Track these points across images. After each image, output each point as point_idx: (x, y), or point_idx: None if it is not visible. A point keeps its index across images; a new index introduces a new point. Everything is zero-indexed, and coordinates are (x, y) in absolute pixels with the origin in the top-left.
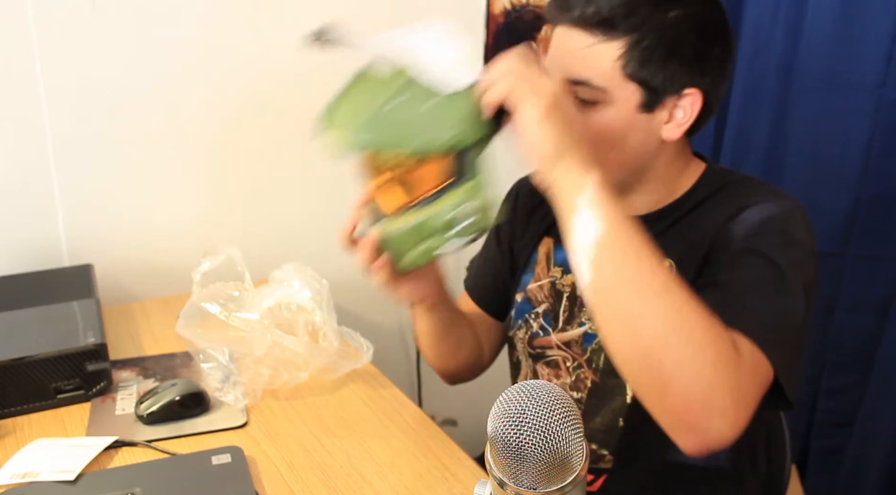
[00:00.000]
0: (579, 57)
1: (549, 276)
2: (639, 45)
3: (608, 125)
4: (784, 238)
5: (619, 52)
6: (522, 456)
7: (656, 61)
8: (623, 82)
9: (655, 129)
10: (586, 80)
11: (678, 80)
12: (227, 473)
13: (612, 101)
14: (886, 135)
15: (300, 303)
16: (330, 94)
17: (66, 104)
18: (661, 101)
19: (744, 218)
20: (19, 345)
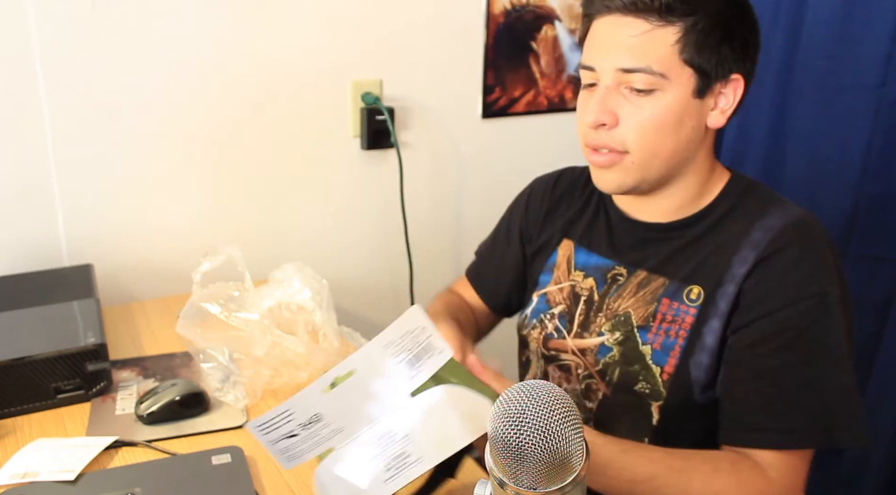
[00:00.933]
0: (635, 44)
1: (570, 280)
2: (695, 29)
3: (666, 111)
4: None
5: (675, 36)
6: (522, 456)
7: (711, 45)
8: (680, 67)
9: (703, 116)
10: (645, 67)
11: (727, 64)
12: (227, 473)
13: (670, 86)
14: (886, 135)
15: (300, 303)
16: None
17: (66, 104)
18: (711, 86)
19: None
20: (19, 345)
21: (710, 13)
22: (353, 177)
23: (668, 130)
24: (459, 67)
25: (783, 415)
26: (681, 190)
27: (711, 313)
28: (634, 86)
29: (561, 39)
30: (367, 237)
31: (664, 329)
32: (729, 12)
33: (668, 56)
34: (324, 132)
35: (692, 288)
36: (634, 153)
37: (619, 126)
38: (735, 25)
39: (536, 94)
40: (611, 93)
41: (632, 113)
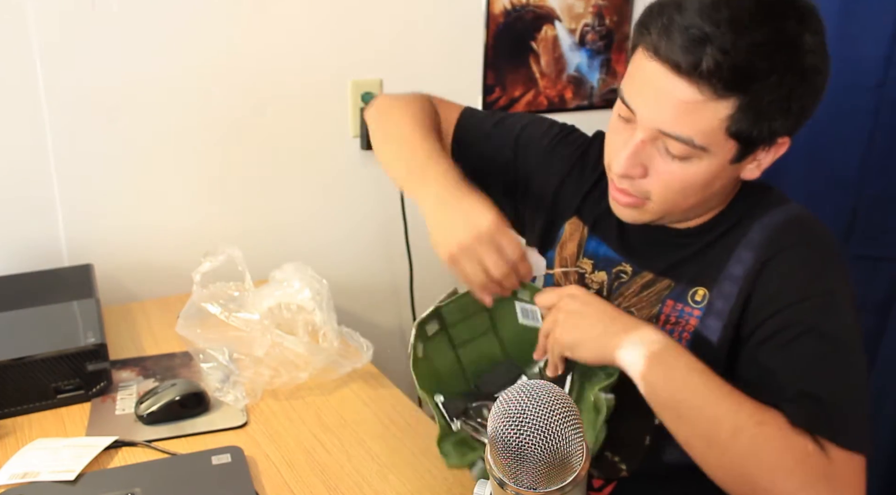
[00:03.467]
0: (682, 111)
1: (578, 266)
2: (751, 106)
3: (697, 177)
4: (832, 299)
5: (727, 111)
6: (522, 456)
7: (764, 120)
8: (724, 140)
9: (738, 172)
10: (686, 138)
11: (777, 133)
12: (227, 473)
13: (707, 156)
14: (886, 135)
15: (300, 303)
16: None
17: (66, 104)
18: (754, 152)
19: (783, 268)
20: (19, 345)
21: (773, 87)
22: (353, 177)
23: (695, 191)
24: (459, 67)
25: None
26: (702, 212)
27: (709, 313)
28: (670, 150)
29: (561, 39)
30: (367, 237)
31: (667, 330)
32: (795, 82)
33: (714, 130)
34: (324, 132)
35: (697, 289)
36: (656, 203)
37: (647, 178)
38: (797, 96)
39: (536, 94)
40: (645, 146)
41: (661, 170)
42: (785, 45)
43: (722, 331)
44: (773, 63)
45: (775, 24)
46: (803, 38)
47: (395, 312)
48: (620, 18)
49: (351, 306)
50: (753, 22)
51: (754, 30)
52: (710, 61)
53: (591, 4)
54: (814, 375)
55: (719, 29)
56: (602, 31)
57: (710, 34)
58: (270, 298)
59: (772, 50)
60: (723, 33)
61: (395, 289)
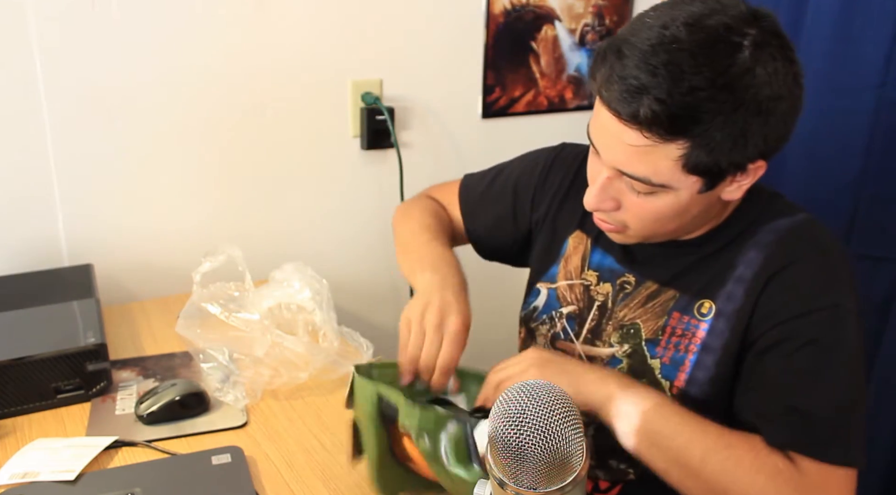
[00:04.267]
0: (633, 154)
1: (583, 279)
2: (702, 145)
3: (667, 209)
4: (835, 313)
5: (679, 152)
6: (522, 456)
7: (721, 154)
8: (683, 176)
9: (716, 195)
10: (643, 178)
11: (744, 161)
12: (227, 473)
13: (672, 191)
14: (886, 135)
15: (300, 303)
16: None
17: (66, 104)
18: (724, 179)
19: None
20: (19, 345)
21: (722, 126)
22: (353, 177)
23: (670, 219)
24: (459, 67)
25: (780, 418)
26: (697, 227)
27: (717, 317)
28: (634, 186)
29: (561, 39)
30: (367, 237)
31: (674, 343)
32: (748, 117)
33: (668, 169)
34: (324, 132)
35: (703, 302)
36: (634, 231)
37: (620, 210)
38: (756, 127)
39: (536, 94)
40: (612, 181)
41: (631, 203)
42: (728, 85)
43: (729, 333)
44: (717, 104)
45: (719, 65)
46: (753, 73)
47: (395, 312)
48: (620, 18)
49: (351, 306)
50: (693, 65)
51: (693, 75)
52: (647, 111)
53: (591, 4)
54: (805, 389)
55: (656, 78)
56: (602, 31)
57: (646, 84)
58: (270, 298)
59: (714, 92)
60: (659, 82)
61: (395, 289)
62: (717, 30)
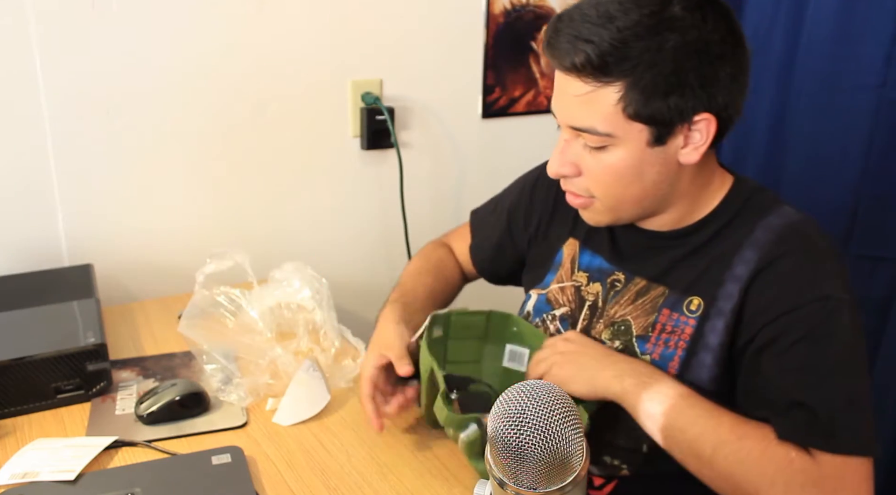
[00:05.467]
0: (578, 104)
1: (573, 281)
2: (637, 86)
3: (622, 164)
4: (826, 305)
5: (617, 95)
6: (522, 456)
7: (658, 98)
8: (627, 123)
9: (672, 157)
10: (589, 127)
11: (686, 110)
12: (227, 473)
13: (620, 142)
14: (886, 135)
15: (300, 302)
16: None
17: (66, 104)
18: (671, 132)
19: (777, 276)
20: (19, 345)
21: (652, 66)
22: (353, 177)
23: (629, 180)
24: (459, 67)
25: (784, 414)
26: (672, 212)
27: (713, 313)
28: (587, 143)
29: None
30: (367, 237)
31: (663, 339)
32: (679, 58)
33: (611, 116)
34: (324, 132)
35: (692, 299)
36: (600, 199)
37: (582, 175)
38: (689, 69)
39: (536, 94)
40: (570, 144)
41: (590, 164)
42: (655, 26)
43: (725, 331)
44: (645, 44)
45: (646, 10)
46: (681, 16)
47: None
48: None
49: (351, 306)
50: (621, 10)
51: (620, 18)
52: (581, 55)
53: None
54: (805, 384)
55: (587, 24)
56: None
57: (580, 32)
58: (270, 298)
59: (641, 32)
60: (591, 28)
61: None
62: None
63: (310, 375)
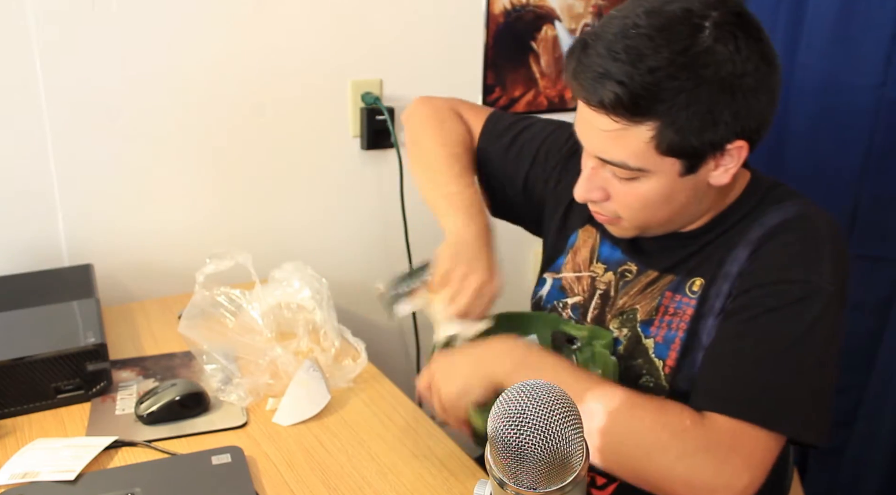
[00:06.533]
0: (607, 139)
1: (591, 271)
2: (671, 126)
3: (652, 194)
4: (804, 288)
5: (649, 134)
6: (522, 456)
7: (692, 135)
8: (659, 158)
9: (702, 181)
10: (620, 162)
11: (718, 142)
12: (227, 473)
13: (652, 175)
14: (886, 135)
15: (300, 302)
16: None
17: (66, 104)
18: (703, 162)
19: (768, 252)
20: (19, 345)
21: (687, 106)
22: (353, 177)
23: (658, 206)
24: (459, 67)
25: (729, 383)
26: (698, 215)
27: (706, 311)
28: (616, 173)
29: (561, 39)
30: (367, 237)
31: (666, 322)
32: (714, 96)
33: (643, 152)
34: (324, 132)
35: (695, 280)
36: (627, 221)
37: (610, 200)
38: (724, 106)
39: (536, 94)
40: (597, 171)
41: (618, 191)
42: (688, 64)
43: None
44: (678, 82)
45: (677, 45)
46: (713, 51)
47: None
48: None
49: (351, 306)
50: (652, 47)
51: (651, 56)
52: (610, 95)
53: (591, 4)
54: (746, 355)
55: (616, 62)
56: None
57: (609, 70)
58: (270, 298)
59: (674, 71)
60: (620, 67)
61: None
62: (676, 13)
63: (310, 375)
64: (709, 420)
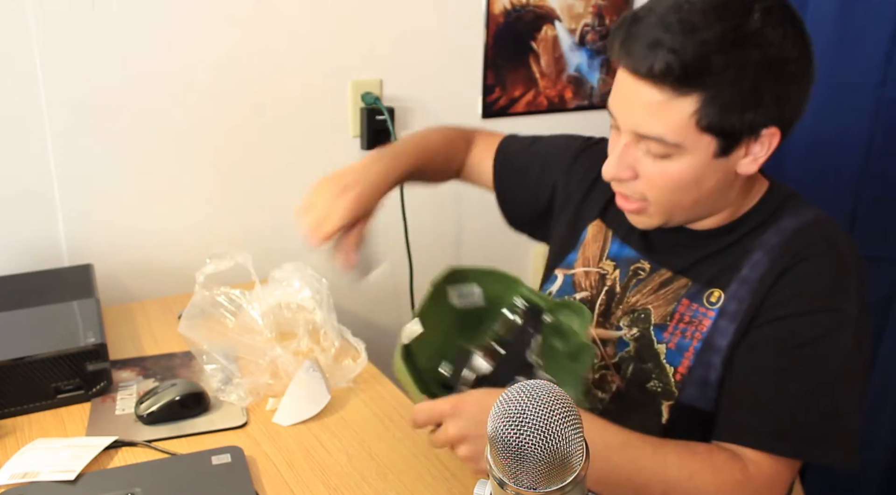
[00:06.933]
0: (648, 112)
1: (600, 268)
2: (715, 100)
3: (683, 174)
4: (836, 317)
5: (693, 107)
6: (522, 456)
7: (734, 112)
8: (698, 135)
9: (731, 167)
10: (657, 136)
11: (756, 124)
12: (227, 473)
13: (686, 153)
14: (886, 135)
15: (300, 302)
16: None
17: (66, 104)
18: (738, 144)
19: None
20: (19, 345)
21: (734, 82)
22: None
23: (687, 189)
24: (459, 67)
25: (769, 418)
26: (715, 217)
27: (722, 313)
28: (650, 150)
29: (561, 39)
30: None
31: (681, 329)
32: (759, 75)
33: (684, 127)
34: (324, 132)
35: (713, 291)
36: (655, 205)
37: (639, 179)
38: (767, 86)
39: (536, 94)
40: (629, 148)
41: (649, 170)
42: (739, 41)
43: (734, 334)
44: (728, 58)
45: (730, 23)
46: (763, 32)
47: (396, 312)
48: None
49: (351, 306)
50: (705, 22)
51: (704, 29)
52: (661, 63)
53: (591, 4)
54: (785, 391)
55: (669, 33)
56: (602, 31)
57: (661, 39)
58: (271, 298)
59: (725, 46)
60: (673, 36)
61: (395, 289)
62: None
63: (310, 375)
64: (752, 464)
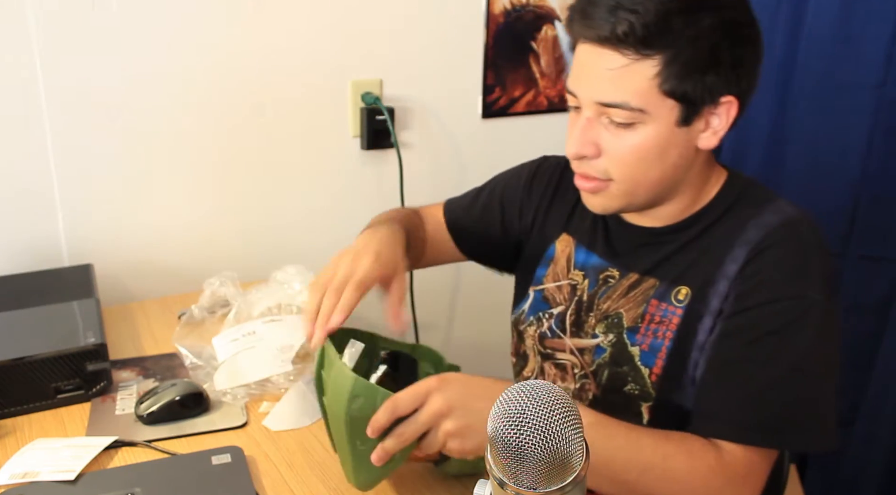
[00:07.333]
0: (612, 78)
1: (570, 279)
2: (676, 61)
3: (647, 144)
4: (801, 304)
5: (655, 69)
6: (522, 456)
7: (694, 74)
8: (661, 100)
9: (692, 140)
10: (622, 103)
11: (715, 89)
12: (227, 473)
13: (650, 119)
14: (886, 135)
15: (300, 304)
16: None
17: (66, 104)
18: (698, 112)
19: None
20: (19, 345)
21: (693, 41)
22: (353, 177)
23: (651, 161)
24: (459, 67)
25: (740, 410)
26: (674, 203)
27: (703, 311)
28: (614, 119)
29: (561, 39)
30: None
31: (652, 330)
32: (717, 36)
33: (646, 90)
34: (324, 132)
35: (680, 288)
36: (618, 182)
37: (602, 157)
38: (724, 48)
39: (536, 94)
40: (592, 124)
41: (613, 144)
42: (697, 3)
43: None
44: (687, 19)
45: None
46: None
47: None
48: None
49: None
50: None
51: None
52: (623, 24)
53: None
54: (755, 381)
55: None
56: None
57: (621, 2)
58: (270, 299)
59: (684, 7)
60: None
61: None
62: None
63: (309, 388)
64: (727, 453)
